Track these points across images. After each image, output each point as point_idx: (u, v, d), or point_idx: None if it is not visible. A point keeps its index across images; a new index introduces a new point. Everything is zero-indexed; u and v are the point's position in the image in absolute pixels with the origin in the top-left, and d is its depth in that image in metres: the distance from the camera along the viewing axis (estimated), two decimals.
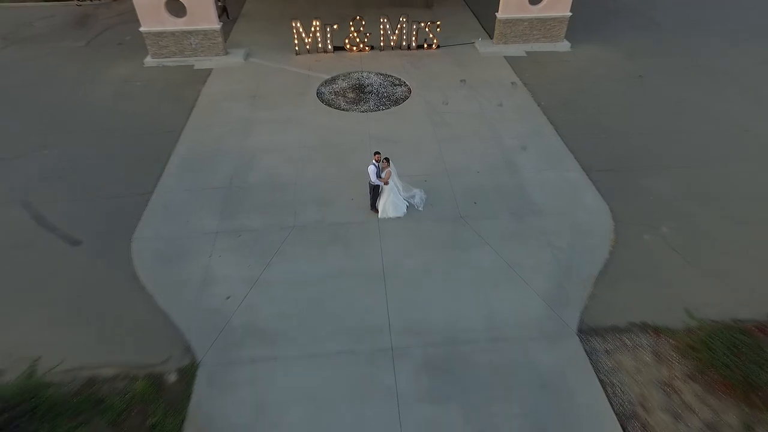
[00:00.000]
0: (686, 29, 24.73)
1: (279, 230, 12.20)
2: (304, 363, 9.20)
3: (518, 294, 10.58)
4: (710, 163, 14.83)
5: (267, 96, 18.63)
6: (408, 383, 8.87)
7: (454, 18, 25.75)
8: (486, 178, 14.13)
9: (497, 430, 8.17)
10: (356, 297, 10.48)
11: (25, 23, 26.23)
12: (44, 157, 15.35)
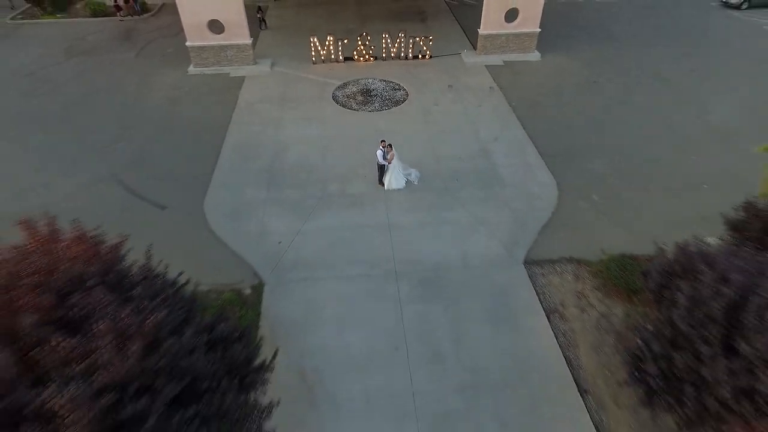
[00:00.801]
0: (636, 43, 28.95)
1: (311, 198, 16.40)
2: (335, 281, 13.41)
3: (484, 240, 14.81)
4: (638, 149, 19.03)
5: (292, 99, 22.82)
6: (405, 292, 13.09)
7: (444, 32, 29.97)
8: (466, 162, 18.35)
9: (465, 317, 12.41)
10: (370, 241, 14.69)
11: (80, 37, 30.38)
12: (123, 148, 19.52)
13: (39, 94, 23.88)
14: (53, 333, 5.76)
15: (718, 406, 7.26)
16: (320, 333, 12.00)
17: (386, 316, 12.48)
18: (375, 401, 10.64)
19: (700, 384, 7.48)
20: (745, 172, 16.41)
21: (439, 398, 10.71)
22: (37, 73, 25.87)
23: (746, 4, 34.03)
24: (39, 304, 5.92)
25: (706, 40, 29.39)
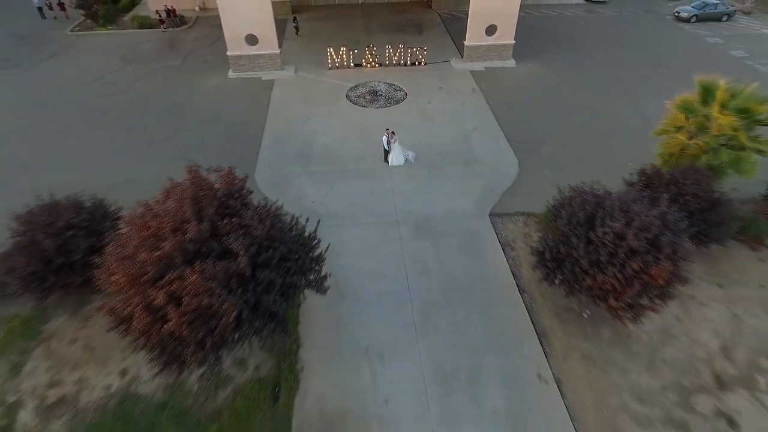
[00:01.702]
0: (598, 52, 34.31)
1: (334, 173, 21.73)
2: (356, 226, 18.75)
3: (462, 200, 20.18)
4: (586, 138, 24.32)
5: (314, 99, 28.19)
6: (405, 233, 18.47)
7: (437, 42, 35.33)
8: (451, 146, 23.71)
9: (445, 248, 17.79)
10: (379, 201, 20.06)
11: (132, 47, 35.71)
12: (184, 137, 24.85)
13: (108, 95, 29.23)
14: (223, 217, 11.17)
15: (580, 272, 12.69)
16: (347, 257, 17.35)
17: (392, 247, 17.88)
18: (384, 297, 16.04)
19: (572, 262, 12.91)
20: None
21: (426, 295, 16.12)
22: (102, 78, 31.22)
23: (695, 18, 39.40)
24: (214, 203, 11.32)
25: (658, 49, 34.73)
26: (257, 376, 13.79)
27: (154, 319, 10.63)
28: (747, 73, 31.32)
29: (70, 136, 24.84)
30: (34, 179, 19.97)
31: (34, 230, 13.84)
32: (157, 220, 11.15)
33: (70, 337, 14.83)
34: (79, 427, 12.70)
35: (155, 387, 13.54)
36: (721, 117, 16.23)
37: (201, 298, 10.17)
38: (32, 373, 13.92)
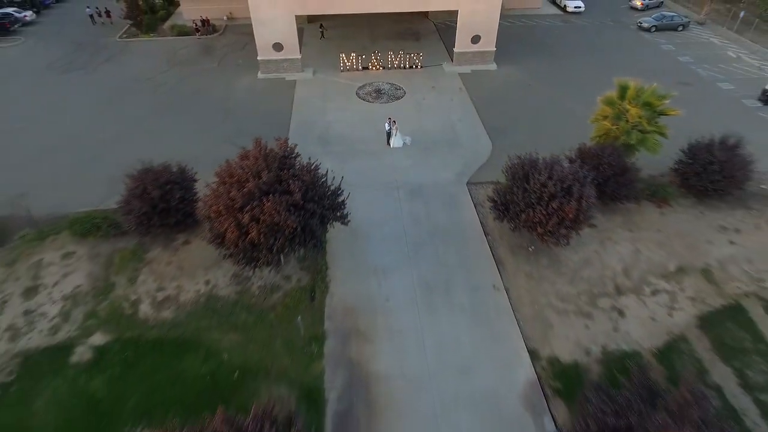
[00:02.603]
0: (568, 57, 39.94)
1: (347, 152, 27.51)
2: (365, 190, 24.43)
3: (447, 172, 25.99)
4: (548, 127, 29.99)
5: (330, 95, 33.98)
6: (402, 196, 24.30)
7: (432, 48, 41.07)
8: (440, 133, 29.49)
9: (432, 207, 23.61)
10: (383, 173, 25.86)
11: (173, 52, 41.52)
12: (228, 125, 30.65)
13: (161, 92, 35.08)
14: (282, 169, 17.04)
15: (519, 211, 18.55)
16: (358, 212, 23.01)
17: (392, 205, 23.72)
18: (387, 237, 21.88)
19: (515, 205, 18.77)
20: None
21: (416, 236, 21.96)
22: (153, 78, 37.05)
23: (654, 28, 45.01)
24: (276, 160, 17.18)
25: (619, 55, 40.31)
26: (299, 286, 19.67)
27: (240, 233, 16.51)
28: (688, 75, 37.19)
29: (137, 124, 30.74)
30: (119, 155, 25.94)
31: (145, 183, 19.72)
32: (239, 172, 17.00)
33: (165, 261, 20.75)
34: (181, 315, 18.61)
35: (229, 292, 19.44)
36: (631, 108, 22.03)
37: (272, 217, 16.04)
38: (144, 283, 19.84)
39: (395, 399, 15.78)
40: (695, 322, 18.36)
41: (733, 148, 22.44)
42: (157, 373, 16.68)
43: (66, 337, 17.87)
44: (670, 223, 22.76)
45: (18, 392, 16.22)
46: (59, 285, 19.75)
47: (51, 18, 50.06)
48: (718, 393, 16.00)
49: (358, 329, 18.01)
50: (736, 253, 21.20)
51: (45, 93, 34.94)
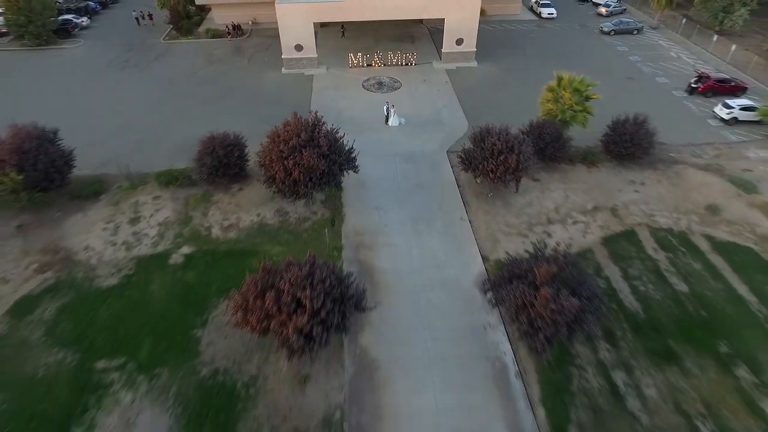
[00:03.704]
0: (539, 56, 47.29)
1: (356, 129, 34.88)
2: (369, 158, 31.90)
3: (432, 144, 33.52)
4: (513, 109, 37.27)
5: (342, 87, 41.51)
6: (399, 162, 31.83)
7: (424, 49, 48.52)
8: (428, 116, 37.01)
9: (420, 168, 31.18)
10: (383, 145, 33.37)
11: (210, 52, 49.07)
12: (261, 110, 38.16)
13: (203, 85, 42.64)
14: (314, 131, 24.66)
15: (478, 163, 26.15)
16: (365, 171, 30.35)
17: (390, 167, 31.25)
18: (386, 188, 29.43)
19: (476, 159, 26.37)
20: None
21: (407, 188, 29.51)
22: (196, 74, 44.65)
23: (613, 32, 52.35)
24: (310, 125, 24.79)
25: (581, 54, 47.65)
26: (323, 218, 27.25)
27: (286, 174, 24.12)
28: (634, 71, 44.64)
29: (187, 110, 38.34)
30: (176, 133, 33.88)
31: (214, 144, 27.32)
32: (284, 133, 24.59)
33: (227, 201, 28.39)
34: (241, 235, 26.23)
35: (274, 221, 27.05)
36: (565, 93, 29.55)
37: (309, 162, 23.63)
38: (213, 216, 27.48)
39: (389, 282, 23.39)
40: (600, 240, 25.92)
41: (641, 124, 29.87)
42: (228, 269, 24.23)
43: (163, 249, 25.53)
44: (594, 178, 30.31)
45: (137, 280, 23.87)
46: (154, 216, 27.44)
47: (101, 23, 57.65)
48: (606, 281, 23.56)
49: (365, 243, 25.62)
50: (638, 198, 28.75)
51: (110, 85, 42.58)
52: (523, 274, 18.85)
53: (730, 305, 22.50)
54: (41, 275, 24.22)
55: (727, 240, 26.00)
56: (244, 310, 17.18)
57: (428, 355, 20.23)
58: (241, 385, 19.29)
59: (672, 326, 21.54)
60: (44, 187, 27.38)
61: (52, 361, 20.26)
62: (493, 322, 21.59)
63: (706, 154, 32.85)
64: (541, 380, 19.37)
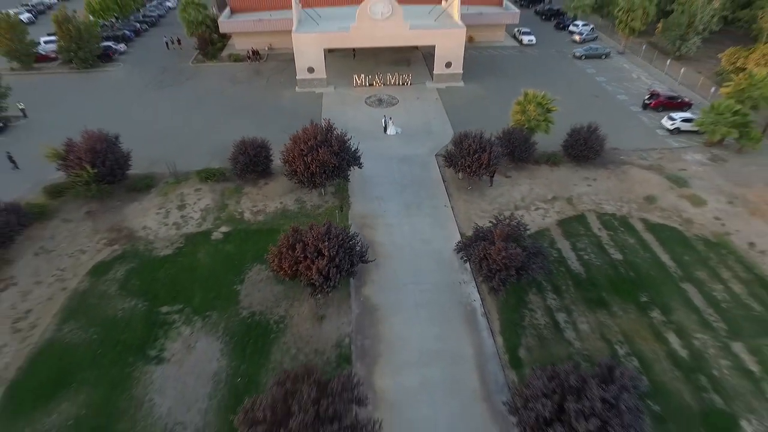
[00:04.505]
0: (519, 78, 53.88)
1: (360, 137, 41.13)
2: (372, 158, 38.10)
3: (423, 149, 39.77)
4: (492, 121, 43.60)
5: (347, 103, 48.09)
6: (394, 163, 38.03)
7: (418, 70, 55.28)
8: (420, 127, 43.40)
9: (413, 168, 37.39)
10: (382, 150, 39.61)
11: (233, 74, 55.89)
12: (280, 122, 44.60)
13: (231, 100, 49.26)
14: (327, 134, 30.96)
15: (458, 160, 32.38)
16: (367, 169, 36.61)
17: (388, 167, 37.43)
18: (384, 183, 35.57)
19: (456, 157, 32.61)
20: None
21: (402, 182, 35.66)
22: (224, 92, 51.34)
23: (584, 57, 59.20)
24: (323, 130, 31.13)
25: (554, 76, 54.31)
26: (333, 205, 33.29)
27: (305, 168, 30.33)
28: (598, 90, 51.22)
29: (217, 121, 44.82)
30: (209, 139, 40.22)
31: (246, 146, 33.61)
32: (303, 136, 30.86)
33: (255, 193, 34.53)
34: (268, 218, 32.28)
35: (294, 207, 33.13)
36: (530, 107, 35.94)
37: (323, 158, 29.84)
38: (244, 203, 33.58)
39: (387, 251, 29.30)
40: (556, 222, 31.89)
41: (593, 131, 36.09)
42: (258, 243, 30.12)
43: (206, 228, 31.57)
44: (555, 175, 36.46)
45: (187, 251, 29.80)
46: (197, 204, 33.56)
47: (136, 48, 64.83)
48: (558, 251, 29.44)
49: (367, 224, 31.62)
50: (590, 191, 34.82)
51: (149, 101, 49.23)
52: (486, 236, 24.82)
53: (653, 269, 28.34)
54: (110, 247, 30.24)
55: (658, 222, 31.96)
56: (279, 259, 23.10)
57: (416, 301, 26.07)
58: (273, 322, 25.07)
59: (606, 283, 27.36)
60: (109, 180, 33.54)
61: (127, 307, 26.11)
62: (466, 279, 27.47)
63: (650, 157, 39.02)
64: (501, 318, 25.16)
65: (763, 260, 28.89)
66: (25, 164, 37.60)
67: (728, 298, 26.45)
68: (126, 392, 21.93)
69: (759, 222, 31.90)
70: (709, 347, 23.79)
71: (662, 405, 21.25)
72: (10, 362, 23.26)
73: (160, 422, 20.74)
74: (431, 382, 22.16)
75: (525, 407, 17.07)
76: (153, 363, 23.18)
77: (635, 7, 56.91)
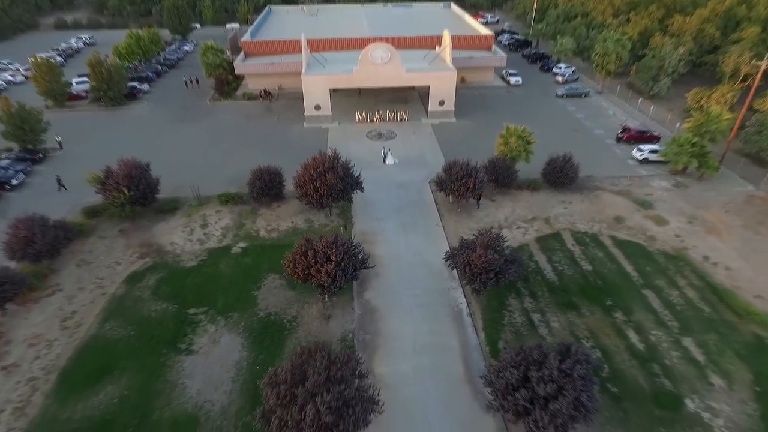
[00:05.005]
0: (505, 114, 59.24)
1: (363, 167, 45.93)
2: (373, 185, 42.46)
3: (418, 177, 44.30)
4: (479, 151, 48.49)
5: (350, 137, 53.15)
6: (393, 188, 42.50)
7: (414, 108, 60.76)
8: (416, 157, 48.18)
9: (409, 192, 41.91)
10: (382, 178, 44.18)
11: (247, 110, 61.39)
12: (290, 153, 49.46)
13: (245, 134, 54.39)
14: (333, 161, 35.62)
15: (447, 185, 36.91)
16: (369, 194, 41.05)
17: (387, 192, 41.91)
18: (384, 205, 39.95)
19: (446, 183, 37.16)
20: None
21: (399, 205, 40.15)
22: (237, 126, 56.59)
23: (565, 96, 64.91)
24: (331, 158, 35.77)
25: (537, 114, 59.69)
26: (338, 224, 37.57)
27: (314, 191, 34.81)
28: (578, 125, 56.39)
29: (234, 153, 49.70)
30: (227, 169, 44.89)
31: (261, 173, 38.23)
32: (313, 163, 35.51)
33: (269, 214, 38.89)
34: (281, 235, 36.49)
35: (303, 226, 37.38)
36: (512, 139, 40.79)
37: (331, 182, 34.36)
38: (259, 223, 37.86)
39: (385, 262, 33.32)
40: (534, 239, 36.01)
41: (568, 160, 40.75)
42: (272, 256, 34.13)
43: (226, 243, 35.74)
44: (535, 199, 40.87)
45: (210, 263, 33.84)
46: (217, 223, 37.85)
47: (157, 88, 70.81)
48: (536, 263, 33.44)
49: (368, 240, 35.75)
50: (566, 212, 39.13)
51: (171, 135, 54.36)
52: (469, 245, 28.94)
53: (618, 278, 32.27)
54: (142, 260, 34.31)
55: (625, 239, 36.09)
56: (294, 263, 27.16)
57: (410, 303, 29.91)
58: (286, 321, 28.85)
59: (576, 289, 31.23)
60: (141, 203, 37.95)
61: (159, 309, 29.95)
62: (454, 285, 31.39)
63: (621, 184, 43.55)
64: (483, 318, 28.93)
65: (714, 271, 32.84)
66: (63, 189, 42.18)
67: (682, 301, 30.26)
68: (161, 377, 25.51)
69: (714, 239, 36.02)
70: (663, 341, 27.45)
71: (620, 387, 24.77)
72: (60, 353, 26.94)
73: (191, 401, 24.25)
74: (422, 368, 25.76)
75: (497, 377, 20.73)
76: (183, 354, 26.83)
77: (609, 52, 62.98)
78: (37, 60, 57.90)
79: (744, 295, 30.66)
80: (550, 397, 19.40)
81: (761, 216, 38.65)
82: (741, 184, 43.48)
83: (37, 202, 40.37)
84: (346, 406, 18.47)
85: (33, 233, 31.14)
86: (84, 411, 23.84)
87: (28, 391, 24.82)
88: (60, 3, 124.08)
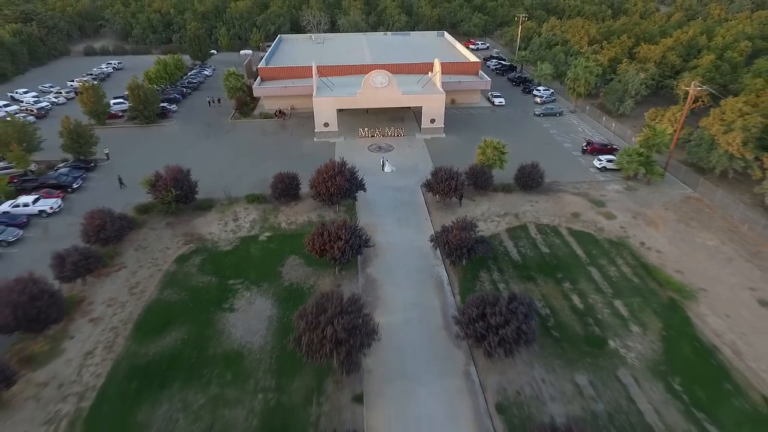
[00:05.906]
0: (488, 131, 67.69)
1: (366, 173, 54.12)
2: (373, 188, 50.65)
3: (411, 182, 52.43)
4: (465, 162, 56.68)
5: (354, 149, 61.47)
6: (390, 191, 50.57)
7: (410, 125, 69.29)
8: (410, 167, 56.37)
9: (403, 194, 50.02)
10: (380, 182, 52.28)
11: (263, 128, 69.93)
12: (303, 164, 57.73)
13: (264, 149, 62.80)
14: (342, 167, 43.83)
15: (435, 186, 45.09)
16: (370, 195, 49.15)
17: (386, 195, 50.00)
18: (382, 205, 48.00)
19: (434, 185, 45.33)
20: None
21: (395, 204, 48.15)
22: (257, 142, 65.04)
23: (541, 115, 73.54)
24: (341, 165, 43.99)
25: (517, 129, 68.09)
26: (345, 217, 45.54)
27: (326, 190, 42.96)
28: (550, 140, 64.79)
29: (255, 164, 57.97)
30: (250, 176, 53.06)
31: (282, 177, 46.41)
32: (325, 169, 43.72)
33: (288, 211, 46.94)
34: (299, 227, 44.46)
35: (317, 221, 45.38)
36: (488, 150, 49.18)
37: (340, 183, 42.51)
38: (280, 217, 45.90)
39: (384, 247, 41.20)
40: (505, 230, 43.92)
41: (535, 167, 48.90)
42: (293, 242, 42.05)
43: (254, 233, 43.69)
44: (508, 199, 48.93)
45: (242, 248, 41.72)
46: (246, 217, 45.88)
47: (184, 108, 79.60)
48: (504, 248, 41.32)
49: (370, 231, 43.42)
50: (532, 209, 47.13)
51: (199, 149, 62.76)
52: (449, 229, 36.91)
53: (569, 258, 40.07)
54: (187, 245, 42.22)
55: (579, 230, 43.98)
56: (312, 242, 35.09)
57: (402, 276, 37.72)
58: (306, 289, 36.60)
59: (535, 267, 39.01)
60: (183, 201, 46.02)
61: (205, 280, 37.75)
62: (438, 264, 39.22)
63: (581, 187, 51.62)
64: (460, 286, 36.67)
65: (648, 254, 40.64)
66: (116, 192, 50.40)
67: (618, 275, 38.02)
68: (211, 327, 33.19)
69: (651, 230, 43.92)
70: (598, 303, 35.14)
71: (561, 333, 32.39)
72: (132, 311, 34.67)
73: (236, 343, 31.89)
74: (411, 320, 33.47)
75: (462, 315, 28.46)
76: (227, 312, 34.55)
77: (579, 77, 71.82)
78: (84, 84, 66.75)
79: (668, 270, 38.43)
80: (500, 326, 27.08)
81: (693, 213, 46.65)
82: (681, 188, 51.60)
83: (95, 202, 48.25)
84: (355, 329, 26.16)
85: (104, 221, 39.08)
86: (156, 349, 31.48)
87: (112, 336, 32.50)
88: (88, 32, 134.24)
